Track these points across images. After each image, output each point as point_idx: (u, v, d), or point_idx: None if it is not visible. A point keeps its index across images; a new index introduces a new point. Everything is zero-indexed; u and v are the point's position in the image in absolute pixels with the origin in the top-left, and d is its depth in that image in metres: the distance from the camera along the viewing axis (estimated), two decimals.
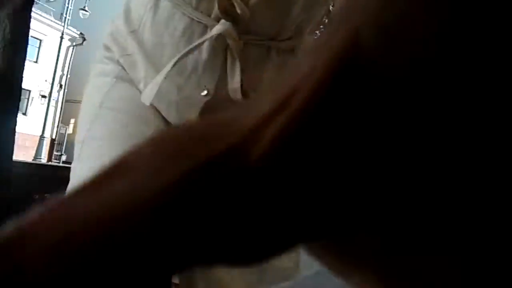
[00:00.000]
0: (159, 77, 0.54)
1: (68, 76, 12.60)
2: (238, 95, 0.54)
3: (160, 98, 0.59)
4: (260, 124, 0.08)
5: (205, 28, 0.55)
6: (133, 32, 0.61)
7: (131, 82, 0.61)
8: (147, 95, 0.55)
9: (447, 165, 0.08)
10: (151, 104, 0.59)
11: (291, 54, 0.60)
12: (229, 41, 0.54)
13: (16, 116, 2.44)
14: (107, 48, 0.64)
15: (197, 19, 0.55)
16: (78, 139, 0.62)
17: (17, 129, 2.30)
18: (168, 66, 0.54)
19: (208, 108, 0.57)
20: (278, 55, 0.59)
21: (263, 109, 0.09)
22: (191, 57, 0.56)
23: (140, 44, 0.60)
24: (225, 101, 0.56)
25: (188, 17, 0.55)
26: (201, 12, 0.55)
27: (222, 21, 0.53)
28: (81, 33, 12.65)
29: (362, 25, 0.09)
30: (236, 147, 0.09)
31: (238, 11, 0.52)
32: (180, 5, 0.56)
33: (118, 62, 0.62)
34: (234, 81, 0.55)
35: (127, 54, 0.61)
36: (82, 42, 12.74)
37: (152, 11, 0.58)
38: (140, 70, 0.60)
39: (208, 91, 0.57)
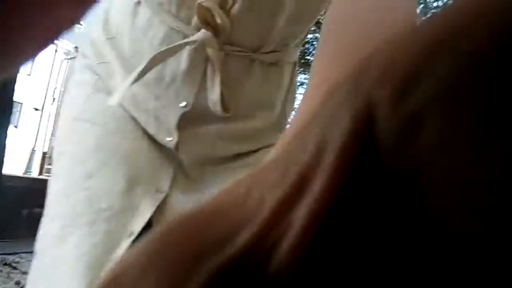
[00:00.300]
0: (130, 78, 0.51)
1: (62, 89, 12.61)
2: (218, 108, 0.53)
3: (137, 107, 0.57)
4: (277, 214, 0.07)
5: (185, 37, 0.53)
6: (111, 39, 0.58)
7: (108, 92, 0.58)
8: (115, 97, 0.52)
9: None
10: (129, 114, 0.57)
11: (275, 67, 0.59)
12: (209, 52, 0.52)
13: (7, 130, 2.42)
14: (84, 56, 0.62)
15: (176, 28, 0.53)
16: (53, 154, 0.59)
17: (8, 141, 2.27)
18: (141, 67, 0.51)
19: (187, 119, 0.55)
20: (261, 67, 0.57)
21: (276, 192, 0.07)
22: (169, 67, 0.54)
23: (117, 52, 0.58)
24: (205, 113, 0.54)
25: (168, 25, 0.54)
26: (181, 20, 0.53)
27: (202, 30, 0.51)
28: (75, 47, 12.72)
29: (379, 94, 0.06)
30: (253, 244, 0.07)
31: (218, 21, 0.50)
32: (159, 13, 0.54)
33: (94, 71, 0.60)
34: (214, 93, 0.53)
35: (104, 62, 0.59)
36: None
37: (131, 18, 0.56)
38: (117, 79, 0.57)
39: (187, 103, 0.55)
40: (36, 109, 12.33)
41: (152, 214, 0.52)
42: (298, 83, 0.70)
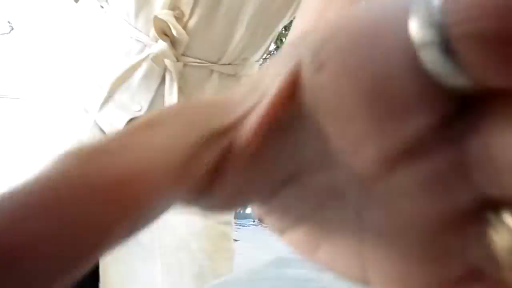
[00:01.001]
0: (98, 102, 0.57)
1: None
2: None
3: (93, 106, 0.59)
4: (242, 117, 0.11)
5: (144, 46, 0.56)
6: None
7: None
8: (90, 116, 0.58)
9: None
10: (85, 110, 0.60)
11: (234, 78, 0.61)
12: (167, 62, 0.55)
13: None
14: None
15: (135, 38, 0.56)
16: None
17: None
18: (106, 91, 0.56)
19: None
20: (219, 78, 0.59)
21: (246, 105, 0.11)
22: (127, 73, 0.56)
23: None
24: None
25: (127, 35, 0.56)
26: (140, 31, 0.56)
27: (160, 42, 0.54)
28: (8, 21, 12.16)
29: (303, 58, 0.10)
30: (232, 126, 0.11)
31: (174, 33, 0.53)
32: (119, 20, 0.56)
33: None
34: (171, 101, 0.56)
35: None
36: (10, 32, 12.28)
37: (95, 24, 0.60)
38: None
39: (141, 107, 0.58)
40: None
41: None
42: None
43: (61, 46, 0.64)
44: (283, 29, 0.67)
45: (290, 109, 0.10)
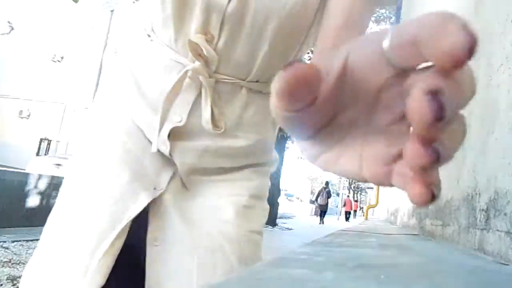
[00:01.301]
0: (156, 123, 0.66)
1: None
2: (209, 125, 0.65)
3: (141, 120, 0.70)
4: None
5: (183, 67, 0.65)
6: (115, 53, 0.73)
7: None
8: (153, 146, 0.67)
9: None
10: (138, 126, 0.70)
11: (261, 94, 0.69)
12: (202, 79, 0.64)
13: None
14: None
15: (176, 60, 0.66)
16: (77, 146, 0.74)
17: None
18: (161, 111, 0.65)
19: (179, 132, 0.67)
20: (248, 93, 0.68)
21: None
22: (173, 90, 0.65)
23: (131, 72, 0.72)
24: (196, 129, 0.67)
25: (169, 57, 0.66)
26: (179, 53, 0.66)
27: (196, 61, 0.63)
28: (8, 22, 12.03)
29: None
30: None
31: (206, 54, 0.61)
32: (162, 46, 0.67)
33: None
34: (206, 113, 0.65)
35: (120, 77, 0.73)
36: (10, 32, 12.16)
37: (142, 48, 0.70)
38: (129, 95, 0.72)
39: (182, 118, 0.66)
40: None
41: (148, 204, 0.66)
42: None
43: (115, 69, 0.75)
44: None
45: (343, 77, 0.21)
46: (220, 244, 0.66)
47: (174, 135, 0.67)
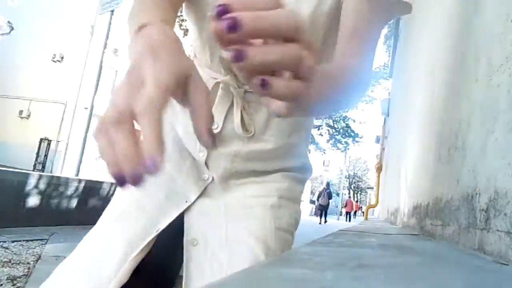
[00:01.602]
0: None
1: None
2: (240, 130, 0.76)
3: (183, 130, 0.82)
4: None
5: (218, 82, 0.78)
6: None
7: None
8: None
9: None
10: (179, 138, 0.82)
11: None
12: (232, 90, 0.76)
13: None
14: None
15: (212, 76, 0.78)
16: None
17: None
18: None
19: (217, 138, 0.78)
20: None
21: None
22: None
23: None
24: (229, 135, 0.77)
25: (207, 74, 0.78)
26: (214, 71, 0.79)
27: (228, 76, 0.75)
28: (8, 22, 12.11)
29: None
30: None
31: (234, 68, 0.65)
32: (200, 66, 0.80)
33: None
34: (237, 118, 0.76)
35: None
36: (10, 32, 12.23)
37: None
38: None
39: (218, 125, 0.77)
40: None
41: (176, 216, 0.77)
42: None
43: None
44: None
45: None
46: (246, 241, 0.74)
47: None
